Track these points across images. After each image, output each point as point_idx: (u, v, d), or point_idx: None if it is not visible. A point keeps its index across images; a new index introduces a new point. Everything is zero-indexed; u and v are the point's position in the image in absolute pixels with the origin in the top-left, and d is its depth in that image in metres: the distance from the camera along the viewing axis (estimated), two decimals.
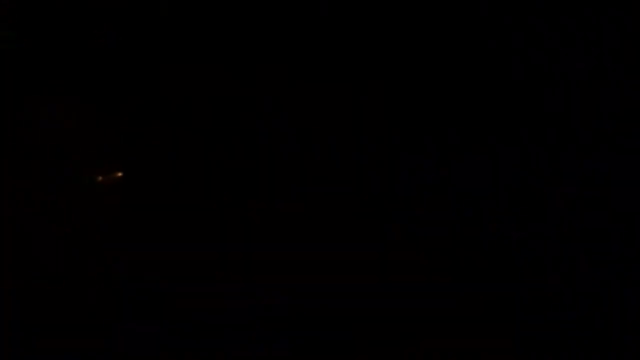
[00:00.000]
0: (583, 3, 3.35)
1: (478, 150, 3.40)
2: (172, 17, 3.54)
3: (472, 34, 3.45)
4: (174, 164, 3.50)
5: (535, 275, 3.28)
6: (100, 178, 3.32)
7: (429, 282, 3.33)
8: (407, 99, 3.48)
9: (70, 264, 3.36)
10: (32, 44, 3.51)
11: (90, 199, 3.45)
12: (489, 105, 3.43)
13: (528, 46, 3.40)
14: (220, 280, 3.36)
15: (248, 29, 3.53)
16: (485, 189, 3.38)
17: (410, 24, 3.50)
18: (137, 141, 3.51)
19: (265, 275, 3.37)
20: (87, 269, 3.36)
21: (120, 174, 3.33)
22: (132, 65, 3.54)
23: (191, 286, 3.34)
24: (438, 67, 3.47)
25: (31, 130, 3.48)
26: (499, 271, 3.32)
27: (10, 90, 3.49)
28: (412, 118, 3.47)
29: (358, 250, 3.38)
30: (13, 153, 3.44)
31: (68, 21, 3.54)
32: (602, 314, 3.17)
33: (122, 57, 3.54)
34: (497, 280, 3.30)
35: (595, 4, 3.33)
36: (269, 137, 3.49)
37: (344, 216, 3.42)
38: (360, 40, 3.50)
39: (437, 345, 3.23)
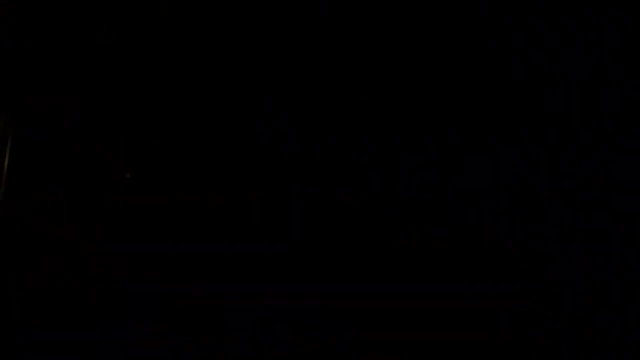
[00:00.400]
0: (583, 3, 3.35)
1: (478, 150, 3.40)
2: (172, 17, 3.54)
3: (472, 34, 3.45)
4: (174, 163, 3.50)
5: (535, 275, 3.28)
6: (127, 175, 3.33)
7: (429, 282, 3.33)
8: (407, 99, 3.48)
9: (70, 263, 3.36)
10: (32, 44, 3.51)
11: (90, 198, 3.45)
12: (489, 105, 3.43)
13: (528, 46, 3.40)
14: (220, 280, 3.36)
15: (248, 29, 3.53)
16: (485, 189, 3.38)
17: (410, 24, 3.50)
18: (137, 141, 3.51)
19: (265, 275, 3.37)
20: (87, 268, 3.36)
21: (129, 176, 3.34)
22: (132, 65, 3.54)
23: (191, 286, 3.34)
24: (438, 67, 3.47)
25: (31, 130, 3.48)
26: (499, 271, 3.32)
27: (10, 90, 3.49)
28: (412, 118, 3.47)
29: (357, 250, 3.38)
30: (13, 152, 3.44)
31: (68, 21, 3.54)
32: (602, 314, 3.17)
33: (122, 57, 3.54)
34: (497, 280, 3.31)
35: (595, 4, 3.33)
36: (269, 137, 3.49)
37: (343, 216, 3.42)
38: (360, 40, 3.50)
39: (438, 345, 3.23)
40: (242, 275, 3.38)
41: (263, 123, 3.51)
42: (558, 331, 3.19)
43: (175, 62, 3.53)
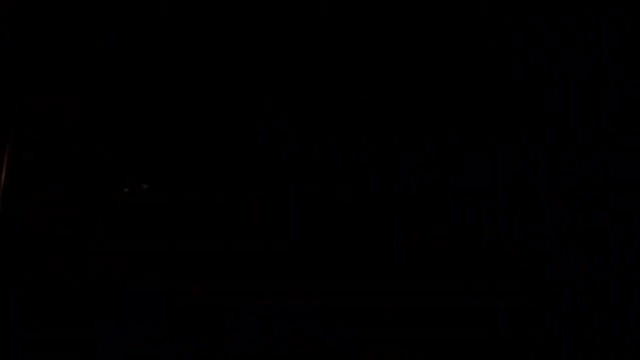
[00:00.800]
0: (583, 3, 3.35)
1: (478, 150, 3.40)
2: (172, 17, 3.54)
3: (472, 34, 3.45)
4: (174, 163, 3.50)
5: (535, 275, 3.28)
6: (126, 189, 3.33)
7: (429, 282, 3.33)
8: (407, 99, 3.48)
9: (70, 263, 3.36)
10: (32, 44, 3.52)
11: (90, 198, 3.45)
12: (489, 105, 3.43)
13: (528, 46, 3.40)
14: (220, 280, 3.36)
15: (248, 28, 3.53)
16: (485, 189, 3.38)
17: (410, 23, 3.50)
18: (137, 141, 3.51)
19: (265, 275, 3.37)
20: (87, 268, 3.36)
21: (146, 186, 3.35)
22: (132, 65, 3.54)
23: (191, 286, 3.34)
24: (438, 67, 3.47)
25: (31, 130, 3.48)
26: (499, 271, 3.32)
27: (10, 90, 3.49)
28: (412, 118, 3.47)
29: (357, 250, 3.38)
30: (13, 153, 3.44)
31: (68, 21, 3.54)
32: (602, 314, 3.17)
33: (122, 57, 3.54)
34: (497, 280, 3.31)
35: (595, 4, 3.33)
36: (269, 137, 3.49)
37: (343, 216, 3.42)
38: (360, 40, 3.50)
39: (438, 345, 3.23)
40: (242, 275, 3.38)
41: (263, 123, 3.51)
42: (558, 331, 3.19)
43: (175, 62, 3.53)
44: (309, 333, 3.26)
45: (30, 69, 3.51)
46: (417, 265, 3.35)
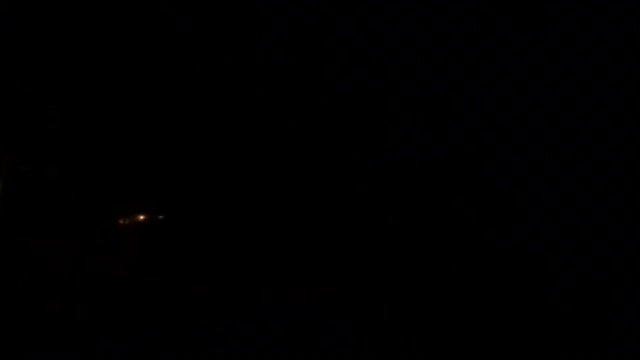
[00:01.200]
0: (583, 3, 3.35)
1: (478, 150, 3.40)
2: (172, 17, 3.54)
3: (472, 34, 3.45)
4: (175, 164, 3.51)
5: (535, 275, 3.28)
6: (122, 221, 3.35)
7: (429, 282, 3.33)
8: (407, 99, 3.48)
9: (70, 264, 3.36)
10: (32, 44, 3.52)
11: (91, 200, 3.46)
12: (489, 105, 3.43)
13: (528, 46, 3.40)
14: (220, 280, 3.37)
15: (248, 29, 3.53)
16: (485, 189, 3.39)
17: (410, 24, 3.50)
18: (137, 141, 3.51)
19: (265, 275, 3.37)
20: (87, 268, 3.36)
21: (142, 217, 3.36)
22: (135, 67, 3.54)
23: (191, 286, 3.35)
24: (438, 67, 3.47)
25: (32, 131, 3.48)
26: (501, 271, 3.32)
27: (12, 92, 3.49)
28: (412, 118, 3.47)
29: (357, 250, 3.38)
30: (14, 154, 3.45)
31: (68, 21, 3.54)
32: (602, 314, 3.17)
33: (124, 61, 3.54)
34: (499, 281, 3.31)
35: (595, 4, 3.33)
36: (269, 137, 3.50)
37: (343, 216, 3.42)
38: (360, 41, 3.51)
39: (438, 345, 3.23)
40: (242, 275, 3.38)
41: (264, 123, 3.51)
42: (558, 331, 3.19)
43: (175, 62, 3.53)
44: (309, 333, 3.26)
45: (30, 71, 3.51)
46: (417, 265, 3.35)
